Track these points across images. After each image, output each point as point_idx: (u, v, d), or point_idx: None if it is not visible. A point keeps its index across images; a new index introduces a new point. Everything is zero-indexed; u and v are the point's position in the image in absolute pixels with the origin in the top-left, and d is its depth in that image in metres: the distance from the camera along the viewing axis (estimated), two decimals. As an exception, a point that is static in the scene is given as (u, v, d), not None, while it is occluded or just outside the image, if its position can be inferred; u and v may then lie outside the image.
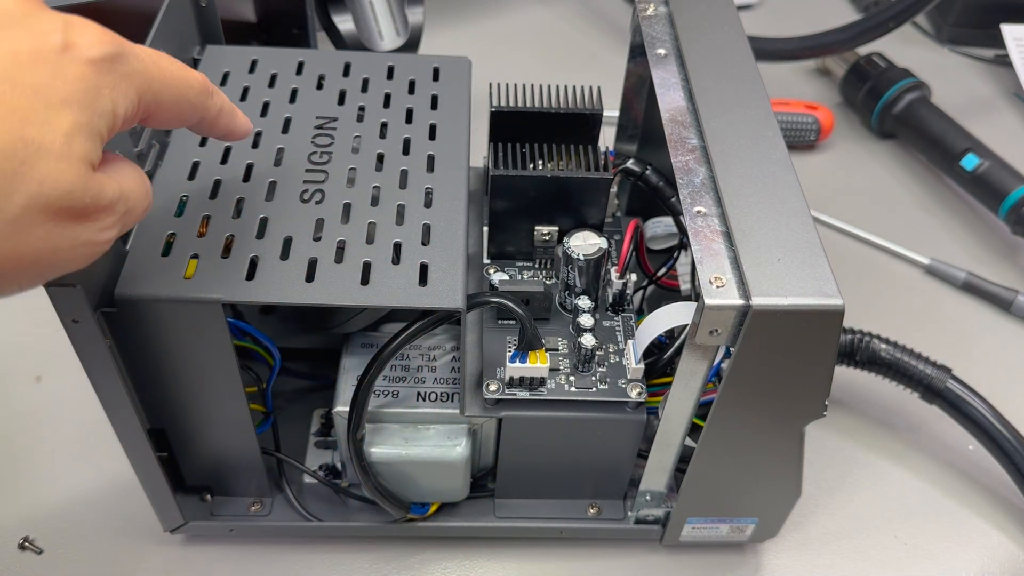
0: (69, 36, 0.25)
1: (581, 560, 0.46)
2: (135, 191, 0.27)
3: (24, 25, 0.24)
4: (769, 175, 0.36)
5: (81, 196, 0.24)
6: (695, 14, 0.44)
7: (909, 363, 0.47)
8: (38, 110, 0.23)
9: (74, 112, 0.24)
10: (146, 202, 0.28)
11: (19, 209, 0.23)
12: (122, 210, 0.26)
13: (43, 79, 0.24)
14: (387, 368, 0.40)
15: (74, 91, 0.24)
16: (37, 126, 0.23)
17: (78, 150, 0.24)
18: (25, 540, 0.44)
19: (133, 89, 0.26)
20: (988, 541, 0.48)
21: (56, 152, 0.24)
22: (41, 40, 0.24)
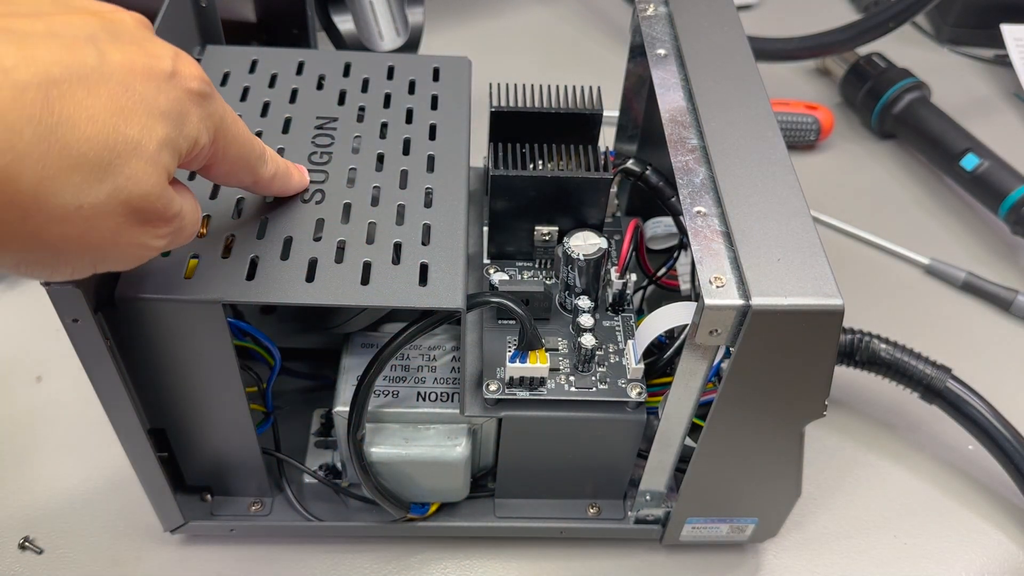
0: (177, 65, 0.28)
1: (581, 560, 0.46)
2: (190, 215, 0.30)
3: (142, 46, 0.27)
4: (769, 175, 0.36)
5: (155, 201, 0.27)
6: (695, 14, 0.44)
7: (909, 363, 0.47)
8: (141, 115, 0.26)
9: (167, 127, 0.27)
10: (195, 228, 0.30)
11: (104, 196, 0.25)
12: (178, 226, 0.29)
13: (150, 92, 0.26)
14: (387, 368, 0.40)
15: (171, 110, 0.27)
16: (137, 128, 0.26)
17: (164, 160, 0.27)
18: (25, 540, 0.44)
19: (213, 127, 0.29)
20: (988, 541, 0.48)
21: (147, 156, 0.26)
22: (155, 62, 0.27)
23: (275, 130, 0.40)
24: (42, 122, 0.23)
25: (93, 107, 0.25)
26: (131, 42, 0.27)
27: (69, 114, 0.24)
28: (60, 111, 0.24)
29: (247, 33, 0.57)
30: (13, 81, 0.23)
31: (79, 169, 0.24)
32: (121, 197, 0.25)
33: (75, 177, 0.24)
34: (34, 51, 0.24)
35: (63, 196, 0.24)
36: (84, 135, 0.24)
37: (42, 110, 0.23)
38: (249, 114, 0.41)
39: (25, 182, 0.23)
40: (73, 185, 0.24)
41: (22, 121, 0.23)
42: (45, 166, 0.23)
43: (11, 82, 0.23)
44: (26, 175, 0.23)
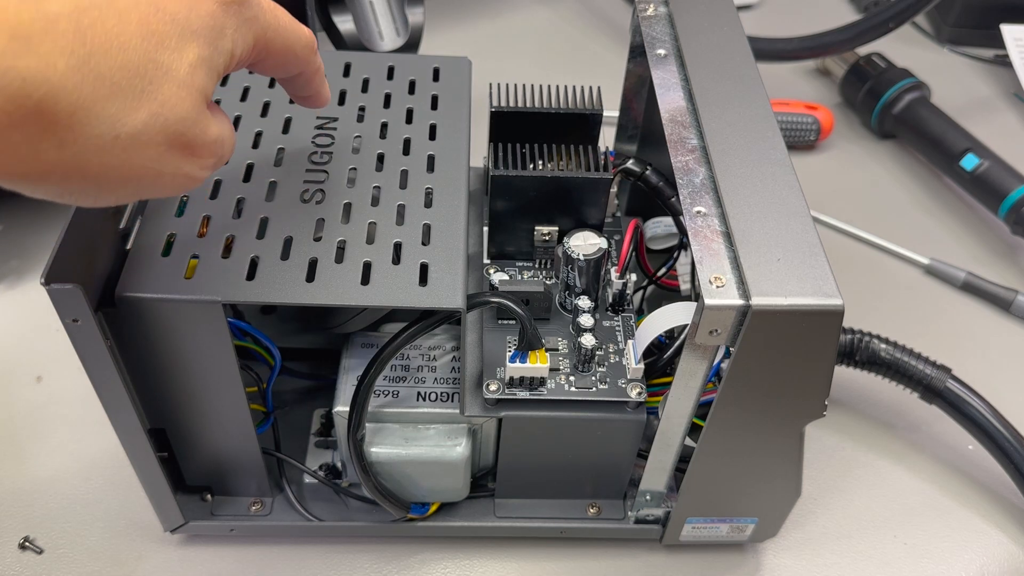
0: None
1: (581, 560, 0.46)
2: (228, 139, 0.29)
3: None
4: (769, 175, 0.36)
5: (192, 126, 0.26)
6: (695, 14, 0.44)
7: (909, 363, 0.47)
8: (172, 37, 0.25)
9: (200, 46, 0.26)
10: (231, 152, 0.30)
11: (141, 124, 0.25)
12: (219, 152, 0.28)
13: (181, 10, 0.26)
14: (387, 368, 0.40)
15: (203, 27, 0.26)
16: (169, 52, 0.25)
17: (199, 82, 0.26)
18: (25, 540, 0.44)
19: (251, 34, 0.29)
20: (988, 541, 0.48)
21: (180, 79, 0.25)
22: None
23: (275, 130, 0.40)
24: (75, 53, 0.23)
25: (124, 34, 0.24)
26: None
27: (101, 42, 0.24)
28: (92, 40, 0.23)
29: (247, 33, 0.57)
30: (44, 12, 0.23)
31: (114, 98, 0.24)
32: (158, 124, 0.25)
33: (110, 107, 0.24)
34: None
35: (100, 126, 0.24)
36: (117, 63, 0.24)
37: (74, 39, 0.23)
38: (249, 114, 0.41)
39: (61, 113, 0.23)
40: (109, 115, 0.24)
41: (55, 53, 0.23)
42: (80, 96, 0.23)
43: (43, 13, 0.23)
44: (61, 106, 0.23)
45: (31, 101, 0.22)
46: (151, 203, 0.37)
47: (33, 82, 0.22)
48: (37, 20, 0.22)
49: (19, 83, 0.22)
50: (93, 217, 0.34)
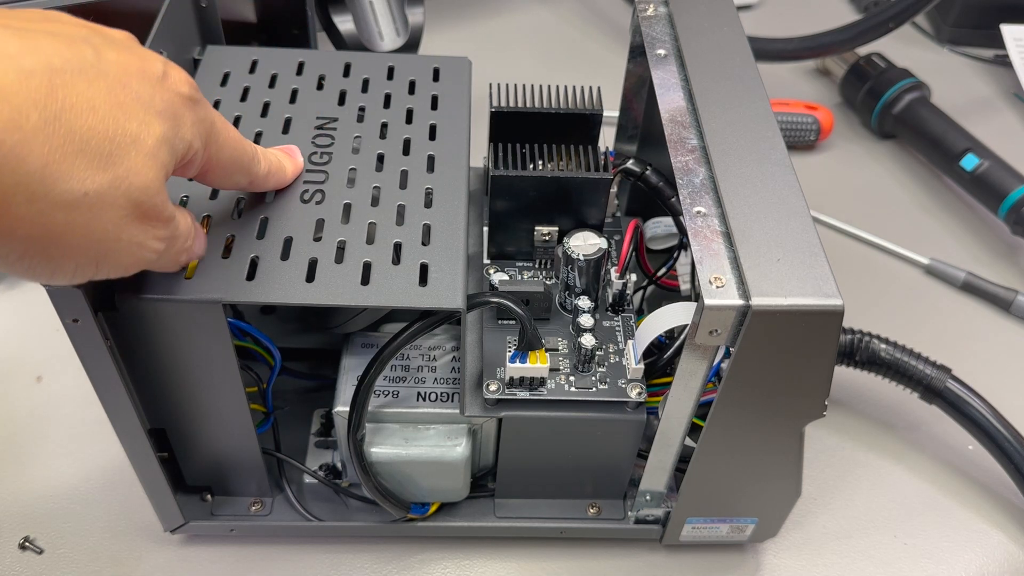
0: (167, 69, 0.29)
1: (581, 560, 0.46)
2: (183, 224, 0.31)
3: (134, 52, 0.28)
4: (769, 175, 0.36)
5: (153, 196, 0.27)
6: (695, 14, 0.44)
7: (909, 363, 0.47)
8: (139, 112, 0.27)
9: (164, 125, 0.27)
10: (189, 243, 0.31)
11: (107, 185, 0.26)
12: (173, 231, 0.30)
13: (146, 92, 0.27)
14: (387, 368, 0.40)
15: (166, 110, 0.28)
16: (136, 124, 0.26)
17: (162, 157, 0.27)
18: (25, 540, 0.44)
19: (204, 133, 0.30)
20: (988, 541, 0.48)
21: (146, 151, 0.27)
22: (147, 65, 0.28)
23: (275, 130, 0.40)
24: (47, 107, 0.24)
25: (94, 98, 0.25)
26: (123, 47, 0.28)
27: (72, 102, 0.25)
28: (63, 98, 0.24)
29: (247, 33, 0.57)
30: (19, 66, 0.24)
31: (83, 155, 0.25)
32: (122, 189, 0.26)
33: (79, 163, 0.25)
34: (36, 42, 0.25)
35: (68, 182, 0.25)
36: (87, 123, 0.25)
37: (47, 96, 0.24)
38: (249, 114, 0.41)
39: (32, 164, 0.24)
40: (78, 171, 0.25)
41: (28, 104, 0.24)
42: (51, 149, 0.24)
43: (16, 67, 0.24)
44: (32, 157, 0.24)
45: (4, 148, 0.23)
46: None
47: (5, 130, 0.23)
48: (10, 73, 0.23)
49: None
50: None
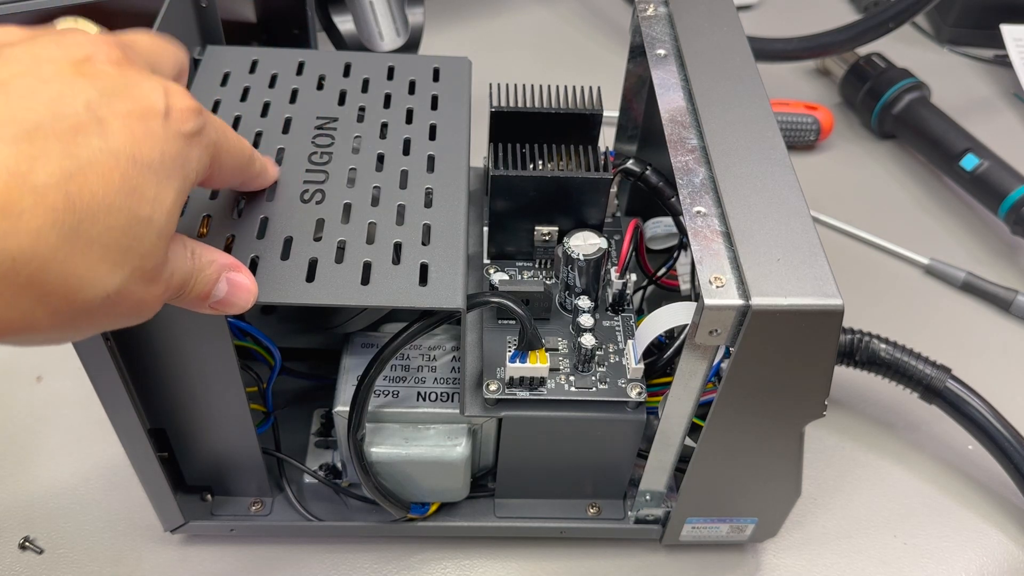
0: (169, 101, 0.27)
1: (581, 560, 0.46)
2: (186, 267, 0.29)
3: (129, 94, 0.26)
4: (769, 175, 0.36)
5: (160, 264, 0.27)
6: (695, 14, 0.44)
7: (908, 363, 0.47)
8: (151, 187, 0.25)
9: (175, 187, 0.26)
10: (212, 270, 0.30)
11: (125, 280, 0.25)
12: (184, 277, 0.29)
13: (155, 156, 0.26)
14: (387, 368, 0.40)
15: (175, 166, 0.27)
16: (149, 204, 0.25)
17: (173, 225, 0.27)
18: (25, 540, 0.44)
19: (208, 156, 0.29)
20: (988, 541, 0.48)
21: (159, 229, 0.26)
22: (147, 105, 0.26)
23: (275, 130, 0.40)
24: (65, 223, 0.23)
25: (109, 194, 0.24)
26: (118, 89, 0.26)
27: (89, 208, 0.24)
28: (81, 208, 0.23)
29: (247, 33, 0.57)
30: (33, 186, 0.22)
31: (103, 260, 0.24)
32: (138, 274, 0.26)
33: (100, 268, 0.24)
34: (44, 146, 0.23)
35: (91, 289, 0.24)
36: (105, 226, 0.24)
37: (64, 211, 0.23)
38: (249, 114, 0.41)
39: (52, 283, 0.23)
40: (99, 276, 0.24)
41: (46, 227, 0.23)
42: (71, 265, 0.23)
43: (31, 187, 0.22)
44: (52, 277, 0.23)
45: (21, 277, 0.22)
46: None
47: (23, 259, 0.22)
48: (26, 195, 0.22)
49: (9, 262, 0.22)
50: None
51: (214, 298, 0.31)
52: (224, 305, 0.31)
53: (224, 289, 0.31)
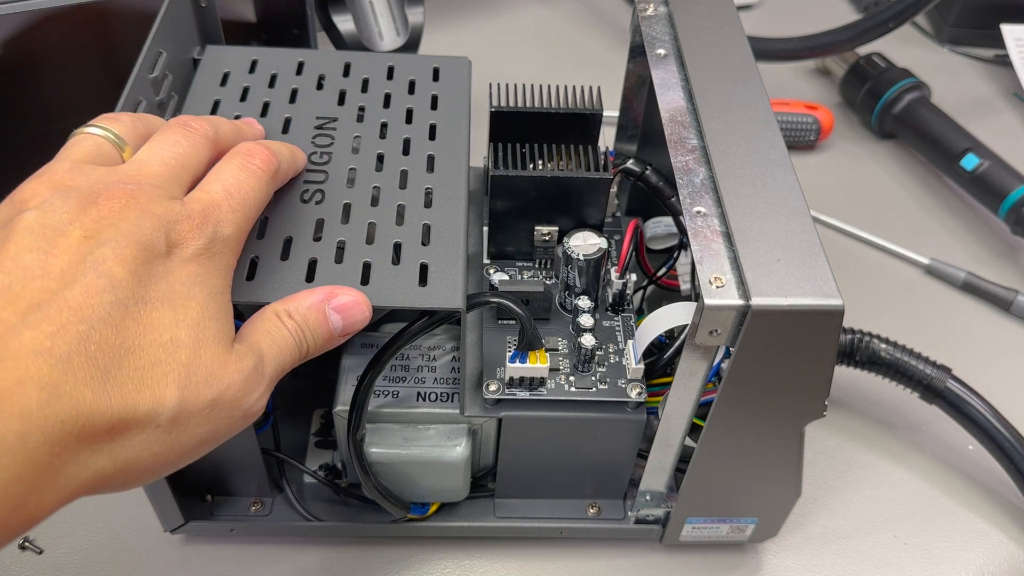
0: (169, 234, 0.29)
1: (581, 560, 0.46)
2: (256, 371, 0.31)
3: (130, 249, 0.27)
4: (769, 175, 0.36)
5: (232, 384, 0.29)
6: (695, 14, 0.44)
7: (909, 363, 0.47)
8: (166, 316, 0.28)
9: (212, 328, 0.29)
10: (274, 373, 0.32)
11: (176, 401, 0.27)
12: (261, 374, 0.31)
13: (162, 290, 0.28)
14: (387, 368, 0.40)
15: (199, 305, 0.29)
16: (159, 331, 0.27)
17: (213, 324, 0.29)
18: (25, 540, 0.44)
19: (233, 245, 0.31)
20: (988, 541, 0.48)
21: (232, 380, 0.29)
22: (149, 249, 0.28)
23: (275, 130, 0.40)
24: (94, 378, 0.25)
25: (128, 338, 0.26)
26: (117, 255, 0.27)
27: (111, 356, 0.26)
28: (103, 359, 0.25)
29: (247, 33, 0.57)
30: (57, 355, 0.25)
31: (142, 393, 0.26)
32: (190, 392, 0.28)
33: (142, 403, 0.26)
34: (58, 319, 0.25)
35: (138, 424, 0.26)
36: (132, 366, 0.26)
37: (90, 368, 0.25)
38: (249, 114, 0.41)
39: (100, 431, 0.26)
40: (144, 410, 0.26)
41: (80, 386, 0.25)
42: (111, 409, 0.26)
43: (56, 357, 0.25)
44: (98, 424, 0.25)
45: (72, 438, 0.25)
46: None
47: (69, 419, 0.24)
48: (55, 367, 0.24)
49: (59, 427, 0.24)
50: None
51: (337, 332, 0.33)
52: (350, 330, 0.33)
53: (338, 320, 0.32)
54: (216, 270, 0.30)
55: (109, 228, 0.27)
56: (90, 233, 0.27)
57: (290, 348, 0.31)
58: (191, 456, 0.29)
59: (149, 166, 0.31)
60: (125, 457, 0.26)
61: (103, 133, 0.32)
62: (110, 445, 0.26)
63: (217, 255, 0.30)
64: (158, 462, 0.27)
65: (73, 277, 0.26)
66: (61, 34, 0.48)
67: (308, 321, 0.32)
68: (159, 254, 0.28)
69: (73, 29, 0.48)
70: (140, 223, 0.28)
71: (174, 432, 0.27)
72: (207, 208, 0.30)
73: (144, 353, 0.26)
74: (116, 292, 0.26)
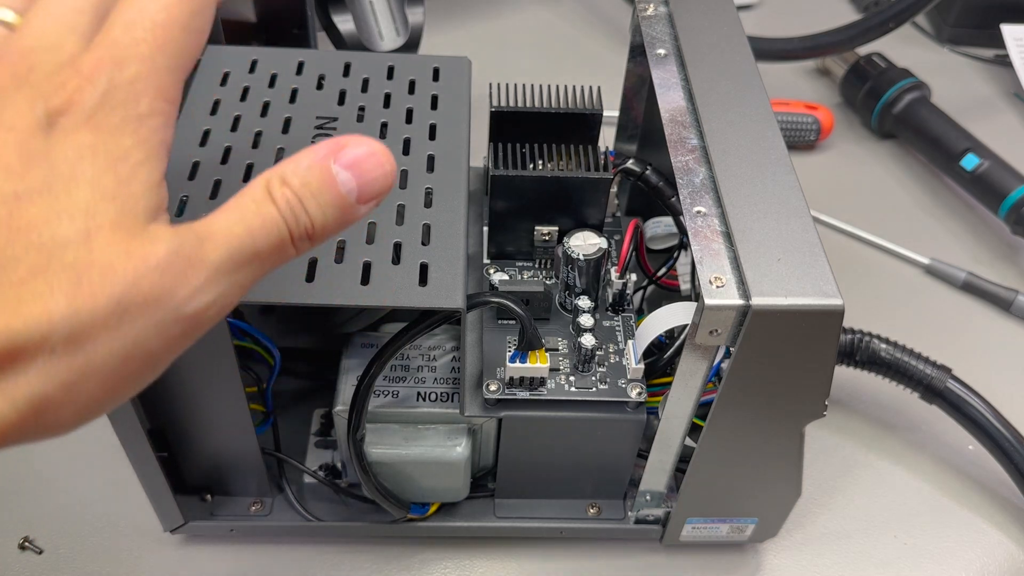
0: (51, 103, 0.23)
1: (581, 560, 0.46)
2: None
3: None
4: (769, 175, 0.36)
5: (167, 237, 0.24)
6: (695, 14, 0.44)
7: (909, 363, 0.47)
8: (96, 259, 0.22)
9: (109, 210, 0.23)
10: None
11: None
12: None
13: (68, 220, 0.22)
14: (387, 368, 0.40)
15: (88, 184, 0.23)
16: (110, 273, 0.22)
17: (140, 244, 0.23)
18: (25, 540, 0.44)
19: (145, 87, 0.24)
20: (988, 541, 0.48)
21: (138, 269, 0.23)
22: (19, 132, 0.23)
23: (275, 130, 0.40)
24: None
25: None
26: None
27: None
28: None
29: (247, 33, 0.57)
30: None
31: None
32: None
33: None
34: None
35: None
36: None
37: None
38: (249, 114, 0.41)
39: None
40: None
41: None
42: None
43: None
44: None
45: None
46: None
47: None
48: None
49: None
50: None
51: (352, 197, 0.25)
52: (369, 193, 0.26)
53: (349, 179, 0.25)
54: (117, 129, 0.23)
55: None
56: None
57: (269, 223, 0.24)
58: (123, 383, 0.23)
59: (34, 26, 0.24)
60: (25, 395, 0.21)
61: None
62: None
63: (118, 107, 0.23)
64: (73, 395, 0.22)
65: None
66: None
67: (309, 184, 0.25)
68: (36, 131, 0.22)
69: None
70: (13, 101, 0.23)
71: (78, 354, 0.22)
72: (100, 54, 0.23)
73: (20, 264, 0.21)
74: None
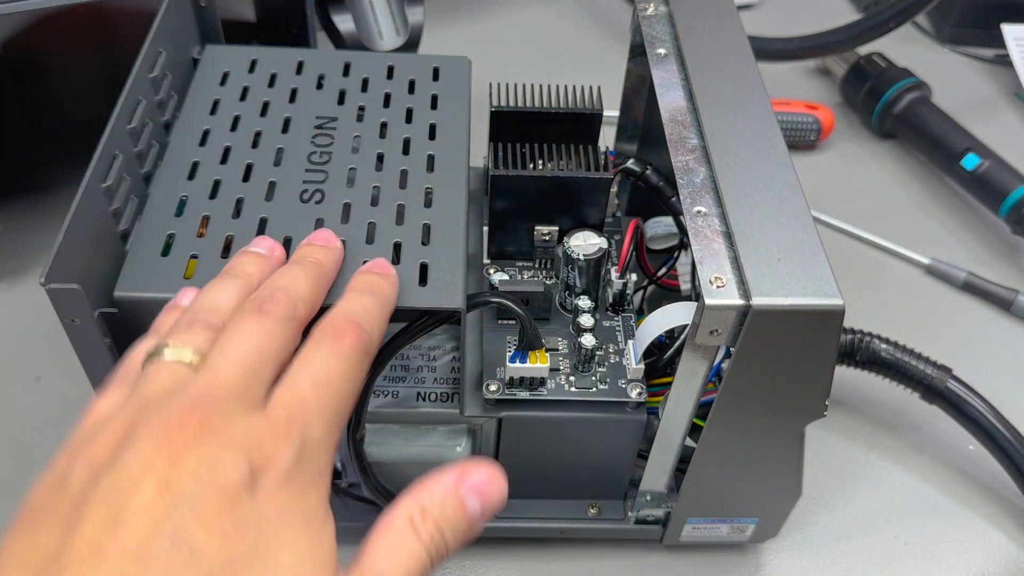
0: (254, 459, 0.24)
1: (581, 560, 0.46)
2: None
3: (197, 493, 0.23)
4: (769, 175, 0.36)
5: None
6: (695, 14, 0.44)
7: (909, 363, 0.47)
8: (269, 543, 0.24)
9: (306, 570, 0.24)
10: None
11: None
12: None
13: (251, 540, 0.23)
14: (387, 368, 0.40)
15: (290, 549, 0.24)
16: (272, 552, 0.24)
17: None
18: (25, 540, 0.44)
19: (325, 446, 0.27)
20: (988, 541, 0.48)
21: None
22: (231, 495, 0.24)
23: (274, 130, 0.40)
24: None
25: None
26: (206, 516, 0.23)
27: None
28: None
29: (247, 33, 0.57)
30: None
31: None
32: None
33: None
34: None
35: None
36: None
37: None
38: (248, 114, 0.41)
39: None
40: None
41: None
42: None
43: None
44: None
45: None
46: (150, 203, 0.37)
47: None
48: None
49: None
50: (93, 217, 0.34)
51: (476, 521, 0.27)
52: (488, 516, 0.27)
53: (476, 505, 0.27)
54: (306, 488, 0.26)
55: (184, 475, 0.23)
56: (164, 485, 0.23)
57: (418, 558, 0.26)
58: None
59: (223, 371, 0.26)
60: None
61: (175, 356, 0.28)
62: None
63: (307, 464, 0.26)
64: None
65: (150, 556, 0.22)
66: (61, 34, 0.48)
67: (446, 515, 0.26)
68: (243, 492, 0.24)
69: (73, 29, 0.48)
70: (219, 459, 0.24)
71: None
72: (292, 412, 0.26)
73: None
74: (199, 566, 0.22)
